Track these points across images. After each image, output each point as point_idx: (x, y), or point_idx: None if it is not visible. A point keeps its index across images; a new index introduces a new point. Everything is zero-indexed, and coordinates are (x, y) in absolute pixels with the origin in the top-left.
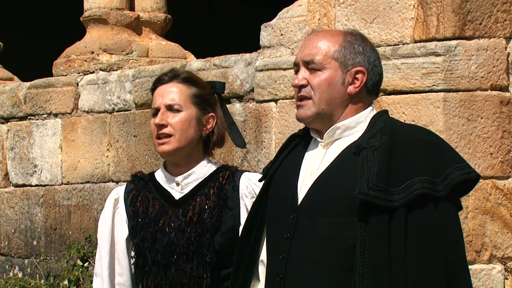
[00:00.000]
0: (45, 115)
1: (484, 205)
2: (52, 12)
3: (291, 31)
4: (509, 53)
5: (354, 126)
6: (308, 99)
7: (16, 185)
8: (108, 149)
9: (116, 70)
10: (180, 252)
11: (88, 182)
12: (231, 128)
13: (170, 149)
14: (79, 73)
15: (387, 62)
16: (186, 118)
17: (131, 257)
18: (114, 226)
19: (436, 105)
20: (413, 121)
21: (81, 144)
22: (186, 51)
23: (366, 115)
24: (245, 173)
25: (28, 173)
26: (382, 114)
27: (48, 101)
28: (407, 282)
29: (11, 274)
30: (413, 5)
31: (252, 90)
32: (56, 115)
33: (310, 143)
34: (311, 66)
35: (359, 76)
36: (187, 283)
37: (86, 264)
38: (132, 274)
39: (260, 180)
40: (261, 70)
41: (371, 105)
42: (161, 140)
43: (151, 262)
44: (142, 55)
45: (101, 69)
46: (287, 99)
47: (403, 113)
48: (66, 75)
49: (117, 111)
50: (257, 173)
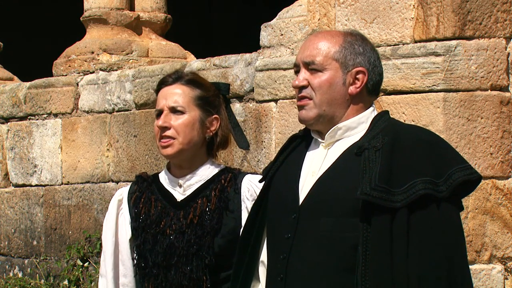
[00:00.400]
0: (45, 115)
1: (484, 205)
2: (52, 12)
3: (291, 31)
4: (509, 53)
5: (355, 127)
6: (309, 100)
7: (16, 185)
8: (108, 149)
9: (116, 70)
10: (180, 254)
11: (88, 182)
12: (235, 129)
13: (173, 152)
14: (79, 73)
15: (387, 62)
16: (189, 121)
17: (133, 258)
18: (118, 227)
19: (436, 105)
20: (413, 121)
21: (81, 144)
22: (186, 51)
23: (368, 115)
24: (247, 176)
25: (28, 173)
26: (383, 114)
27: (48, 101)
28: (409, 282)
29: (11, 274)
30: (413, 5)
31: (252, 90)
32: (56, 115)
33: (311, 144)
34: (312, 67)
35: (359, 76)
36: (187, 285)
37: (86, 264)
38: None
39: (260, 181)
40: (261, 70)
41: (372, 106)
42: (164, 143)
43: (152, 264)
44: (142, 55)
45: (101, 69)
46: (287, 99)
47: (403, 113)
48: (66, 75)
49: (117, 111)
50: (259, 174)
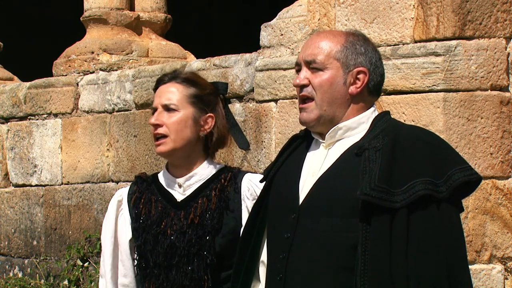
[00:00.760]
0: (45, 115)
1: (484, 205)
2: (52, 12)
3: (291, 31)
4: (509, 53)
5: (356, 127)
6: (310, 100)
7: (16, 185)
8: (108, 149)
9: (116, 70)
10: (181, 254)
11: (88, 182)
12: (233, 129)
13: (166, 150)
14: (79, 73)
15: (387, 62)
16: (182, 118)
17: (134, 258)
18: (117, 228)
19: (436, 105)
20: (413, 121)
21: (81, 144)
22: (186, 51)
23: (368, 115)
24: (247, 175)
25: (28, 173)
26: (384, 115)
27: (48, 101)
28: (409, 283)
29: (11, 274)
30: (413, 5)
31: (252, 90)
32: (56, 115)
33: (312, 144)
34: (313, 66)
35: (360, 76)
36: (188, 285)
37: (86, 264)
38: (136, 275)
39: (261, 181)
40: (261, 70)
41: (373, 106)
42: (158, 141)
43: (153, 264)
44: (142, 55)
45: (101, 69)
46: (287, 99)
47: (403, 113)
48: (66, 75)
49: (117, 111)
50: (258, 174)
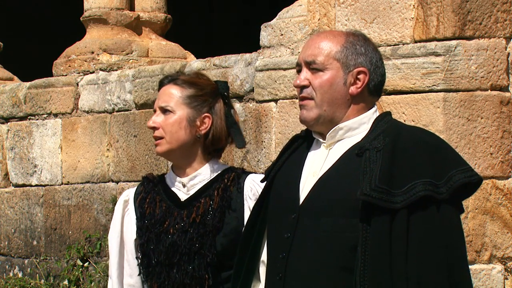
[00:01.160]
0: (45, 115)
1: (484, 205)
2: (52, 12)
3: (291, 31)
4: (509, 53)
5: (357, 127)
6: (310, 99)
7: (16, 185)
8: (108, 149)
9: (116, 70)
10: (182, 253)
11: (88, 182)
12: (232, 128)
13: (162, 151)
14: (79, 73)
15: (387, 62)
16: (176, 120)
17: (137, 258)
18: (123, 228)
19: (436, 105)
20: (413, 121)
21: (81, 144)
22: (186, 51)
23: (369, 116)
24: (250, 175)
25: (28, 173)
26: (385, 115)
27: (48, 101)
28: (408, 283)
29: (11, 274)
30: (413, 5)
31: (252, 90)
32: (56, 115)
33: (313, 144)
34: (313, 67)
35: (360, 76)
36: (189, 283)
37: (86, 264)
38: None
39: (262, 181)
40: (261, 70)
41: (374, 106)
42: (156, 142)
43: (155, 262)
44: (142, 55)
45: (101, 69)
46: (287, 99)
47: (403, 113)
48: (66, 75)
49: (117, 111)
50: (262, 174)
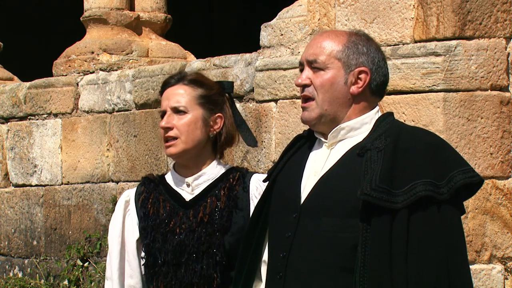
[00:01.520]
0: (45, 115)
1: (484, 205)
2: (52, 12)
3: (291, 31)
4: (509, 53)
5: (358, 127)
6: (311, 100)
7: (16, 185)
8: (108, 149)
9: (116, 70)
10: (190, 252)
11: (88, 182)
12: (241, 127)
13: (177, 152)
14: (79, 73)
15: (387, 62)
16: (192, 120)
17: (141, 258)
18: (124, 228)
19: (436, 105)
20: (413, 121)
21: (81, 144)
22: (186, 51)
23: (372, 116)
24: (255, 175)
25: (28, 173)
26: (387, 116)
27: (48, 101)
28: (408, 283)
29: (11, 274)
30: (413, 5)
31: (252, 90)
32: (56, 115)
33: (315, 144)
34: (314, 66)
35: (362, 76)
36: (197, 282)
37: (86, 264)
38: (142, 276)
39: (264, 181)
40: (261, 70)
41: (376, 107)
42: (168, 143)
43: (161, 262)
44: (142, 55)
45: (101, 69)
46: (287, 99)
47: (403, 113)
48: (66, 75)
49: (117, 111)
50: (265, 174)
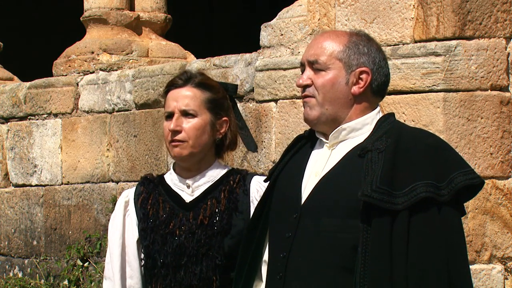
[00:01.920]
0: (45, 115)
1: (484, 205)
2: (52, 12)
3: (291, 31)
4: (509, 53)
5: (360, 128)
6: (311, 97)
7: (16, 185)
8: (108, 149)
9: (116, 70)
10: (190, 254)
11: (88, 182)
12: (243, 131)
13: (184, 155)
14: (79, 73)
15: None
16: (201, 124)
17: (141, 259)
18: (124, 229)
19: (436, 105)
20: (413, 121)
21: (81, 144)
22: (186, 51)
23: (373, 117)
24: (255, 177)
25: (28, 173)
26: (388, 116)
27: (48, 101)
28: (408, 284)
29: (11, 274)
30: (413, 5)
31: (252, 90)
32: (56, 115)
33: (316, 144)
34: (316, 66)
35: (363, 76)
36: (197, 285)
37: (86, 264)
38: (142, 276)
39: (265, 181)
40: (261, 70)
41: (378, 107)
42: (175, 146)
43: (161, 264)
44: (142, 55)
45: (101, 69)
46: (287, 99)
47: (403, 113)
48: (66, 75)
49: (117, 111)
50: (266, 176)
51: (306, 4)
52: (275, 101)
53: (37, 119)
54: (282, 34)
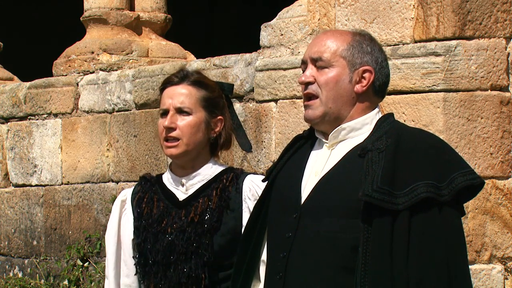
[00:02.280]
0: (45, 115)
1: (484, 205)
2: (52, 12)
3: (291, 31)
4: (509, 53)
5: (359, 128)
6: (315, 98)
7: (16, 185)
8: (108, 149)
9: (116, 70)
10: (179, 252)
11: (88, 182)
12: (238, 131)
13: (178, 153)
14: (79, 73)
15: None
16: (195, 122)
17: (134, 256)
18: (120, 228)
19: (436, 105)
20: (413, 121)
21: (81, 144)
22: (186, 51)
23: (372, 117)
24: (249, 176)
25: (28, 173)
26: (388, 117)
27: (48, 101)
28: (409, 285)
29: (11, 274)
30: (413, 5)
31: (252, 90)
32: (56, 115)
33: (315, 144)
34: (319, 64)
35: (366, 75)
36: (185, 283)
37: (86, 264)
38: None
39: (263, 180)
40: (261, 70)
41: (377, 107)
42: (169, 143)
43: (152, 262)
44: (142, 55)
45: (101, 69)
46: (287, 99)
47: (403, 113)
48: (66, 75)
49: (117, 111)
50: (260, 175)
51: (306, 4)
52: (275, 101)
53: (37, 119)
54: (282, 34)
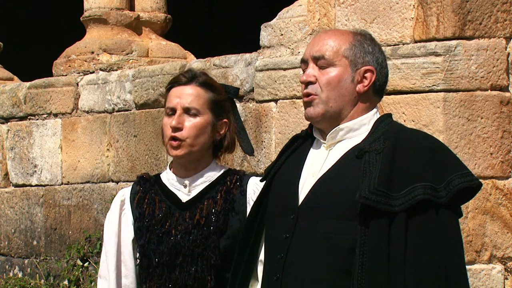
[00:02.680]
0: (45, 115)
1: (484, 205)
2: (52, 12)
3: (291, 31)
4: (509, 53)
5: (357, 128)
6: (314, 95)
7: (16, 185)
8: (108, 149)
9: (116, 70)
10: (185, 254)
11: (88, 182)
12: (241, 134)
13: (182, 153)
14: (79, 73)
15: (387, 62)
16: (202, 124)
17: (136, 258)
18: (120, 228)
19: (436, 105)
20: (413, 121)
21: (81, 144)
22: (186, 51)
23: (370, 117)
24: (252, 178)
25: (28, 173)
26: (386, 117)
27: (48, 101)
28: (406, 286)
29: (11, 274)
30: (413, 5)
31: (252, 90)
32: (56, 115)
33: (313, 144)
34: (321, 63)
35: (368, 75)
36: (191, 285)
37: (86, 264)
38: (137, 276)
39: (261, 180)
40: (261, 70)
41: (376, 108)
42: (174, 143)
43: (156, 263)
44: (142, 55)
45: (101, 69)
46: (287, 99)
47: (403, 113)
48: (66, 75)
49: (117, 111)
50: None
51: (306, 4)
52: (275, 101)
53: (37, 119)
54: (282, 34)
